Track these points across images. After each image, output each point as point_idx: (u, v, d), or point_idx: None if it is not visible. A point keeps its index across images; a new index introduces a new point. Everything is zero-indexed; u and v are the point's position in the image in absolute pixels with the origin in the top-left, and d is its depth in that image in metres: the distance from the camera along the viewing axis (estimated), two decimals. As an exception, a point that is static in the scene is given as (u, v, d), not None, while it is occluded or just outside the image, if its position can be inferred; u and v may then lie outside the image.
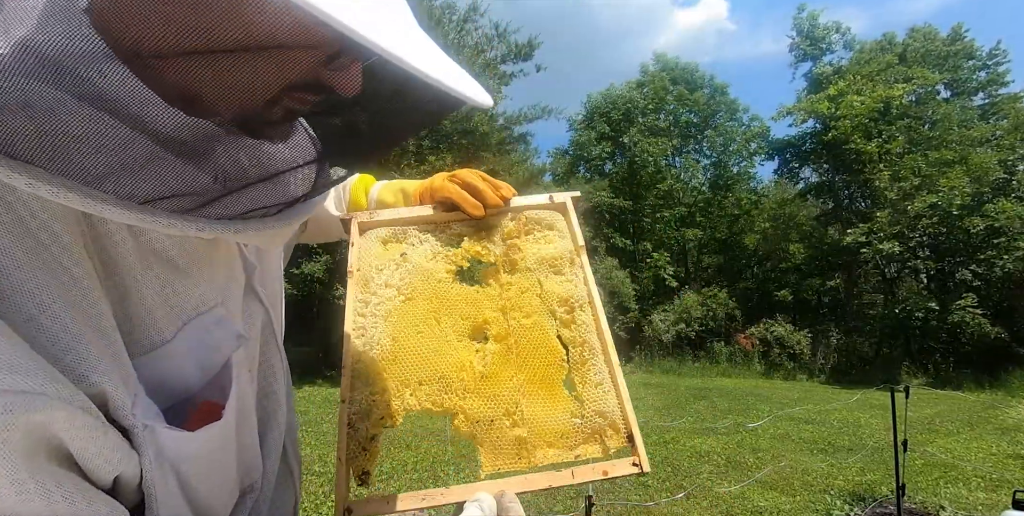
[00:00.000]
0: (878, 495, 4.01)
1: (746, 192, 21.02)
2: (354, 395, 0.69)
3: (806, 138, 18.62)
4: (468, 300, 0.77)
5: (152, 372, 0.44)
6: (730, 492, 4.09)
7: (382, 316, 0.74)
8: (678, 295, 17.03)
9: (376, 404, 0.68)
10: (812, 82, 18.63)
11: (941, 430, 6.54)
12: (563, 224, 0.85)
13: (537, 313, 0.77)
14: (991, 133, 14.45)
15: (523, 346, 0.74)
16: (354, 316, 0.74)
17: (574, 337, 0.76)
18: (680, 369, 14.12)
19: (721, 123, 21.43)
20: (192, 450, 0.45)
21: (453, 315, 0.76)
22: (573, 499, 3.82)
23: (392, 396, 0.69)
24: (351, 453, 0.66)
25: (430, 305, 0.75)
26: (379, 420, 0.68)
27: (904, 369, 12.65)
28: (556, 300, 0.78)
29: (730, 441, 5.84)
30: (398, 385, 0.70)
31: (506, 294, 0.78)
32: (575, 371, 0.74)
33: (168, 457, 0.43)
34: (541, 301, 0.78)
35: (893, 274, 15.69)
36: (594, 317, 0.78)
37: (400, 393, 0.69)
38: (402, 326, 0.73)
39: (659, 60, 22.14)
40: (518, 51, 12.24)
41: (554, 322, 0.77)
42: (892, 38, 18.21)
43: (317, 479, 4.09)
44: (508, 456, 0.68)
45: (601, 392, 0.72)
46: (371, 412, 0.68)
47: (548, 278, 0.80)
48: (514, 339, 0.75)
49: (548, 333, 0.76)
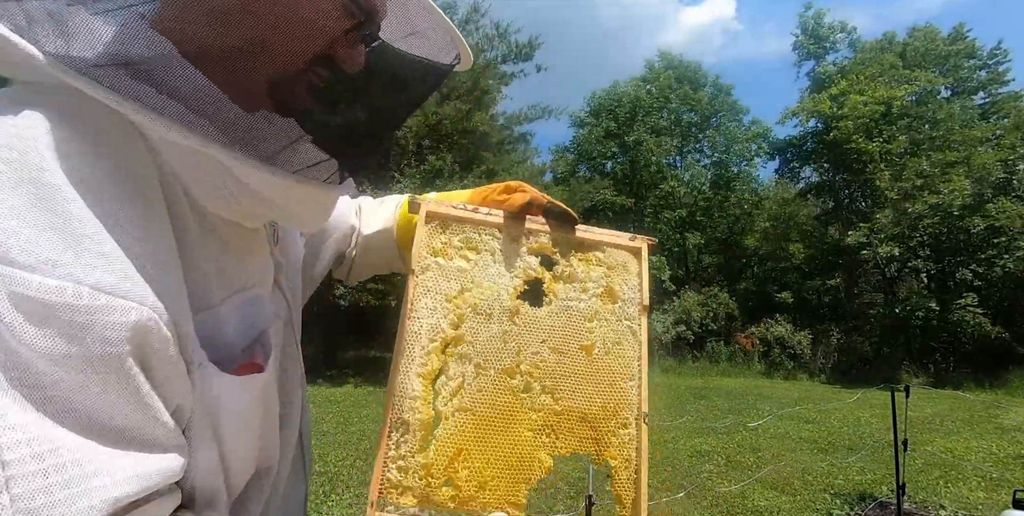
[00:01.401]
0: (878, 495, 4.01)
1: (747, 192, 21.00)
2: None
3: (807, 137, 18.61)
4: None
5: (200, 330, 0.46)
6: (730, 491, 4.09)
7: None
8: (678, 295, 17.01)
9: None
10: (815, 81, 18.61)
11: (941, 430, 6.54)
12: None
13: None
14: (992, 132, 14.44)
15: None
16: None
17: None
18: (680, 369, 14.10)
19: (723, 123, 21.41)
20: (234, 398, 0.48)
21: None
22: (573, 499, 3.83)
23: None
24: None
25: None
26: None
27: (904, 369, 12.64)
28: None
29: (730, 441, 5.84)
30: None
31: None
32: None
33: (210, 400, 0.46)
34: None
35: (893, 274, 15.68)
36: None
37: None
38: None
39: (664, 57, 22.13)
40: (519, 51, 12.22)
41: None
42: (892, 37, 18.19)
43: (317, 478, 4.09)
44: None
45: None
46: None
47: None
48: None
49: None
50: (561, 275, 0.77)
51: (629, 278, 0.79)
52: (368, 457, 4.68)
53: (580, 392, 0.73)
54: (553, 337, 0.74)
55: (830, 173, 18.10)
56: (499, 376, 0.70)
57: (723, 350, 14.90)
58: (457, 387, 0.68)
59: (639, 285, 0.79)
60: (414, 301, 0.69)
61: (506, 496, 0.67)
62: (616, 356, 0.76)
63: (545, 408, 0.71)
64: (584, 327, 0.75)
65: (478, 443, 0.68)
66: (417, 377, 0.67)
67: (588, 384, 0.74)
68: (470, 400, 0.69)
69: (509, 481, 0.68)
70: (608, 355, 0.75)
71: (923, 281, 15.25)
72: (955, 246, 13.67)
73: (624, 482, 0.72)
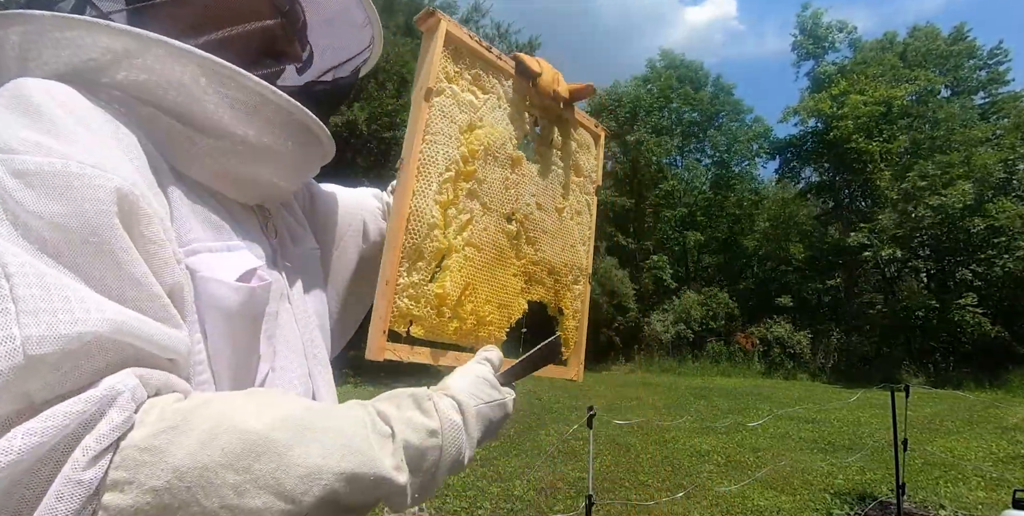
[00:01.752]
0: (878, 494, 4.01)
1: (747, 192, 21.00)
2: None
3: (807, 137, 18.61)
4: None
5: (197, 266, 0.49)
6: (730, 491, 4.09)
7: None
8: (677, 295, 17.01)
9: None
10: (814, 81, 18.61)
11: (941, 429, 6.54)
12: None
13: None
14: (992, 133, 14.43)
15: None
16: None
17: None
18: (680, 368, 14.12)
19: (724, 123, 21.40)
20: (230, 302, 0.49)
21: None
22: (573, 499, 3.83)
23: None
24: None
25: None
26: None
27: (904, 368, 12.64)
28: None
29: (730, 440, 5.84)
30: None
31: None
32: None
33: (209, 300, 0.48)
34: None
35: (893, 273, 15.68)
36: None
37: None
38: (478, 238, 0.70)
39: (665, 57, 22.10)
40: (518, 51, 12.21)
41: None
42: (893, 37, 18.19)
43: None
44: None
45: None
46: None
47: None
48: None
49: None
50: (547, 140, 0.82)
51: (590, 158, 0.89)
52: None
53: (551, 247, 0.81)
54: (540, 194, 0.80)
55: (830, 173, 18.11)
56: (500, 219, 0.73)
57: (723, 350, 14.91)
58: (467, 222, 0.68)
59: (596, 166, 0.90)
60: (429, 123, 0.64)
61: (495, 332, 0.71)
62: (577, 223, 0.86)
63: (527, 257, 0.77)
64: (559, 191, 0.83)
65: (482, 279, 0.70)
66: (435, 204, 0.63)
67: (557, 242, 0.82)
68: (477, 237, 0.69)
69: (498, 319, 0.72)
70: (572, 220, 0.85)
71: (923, 281, 15.24)
72: (955, 246, 13.66)
73: (571, 329, 0.84)
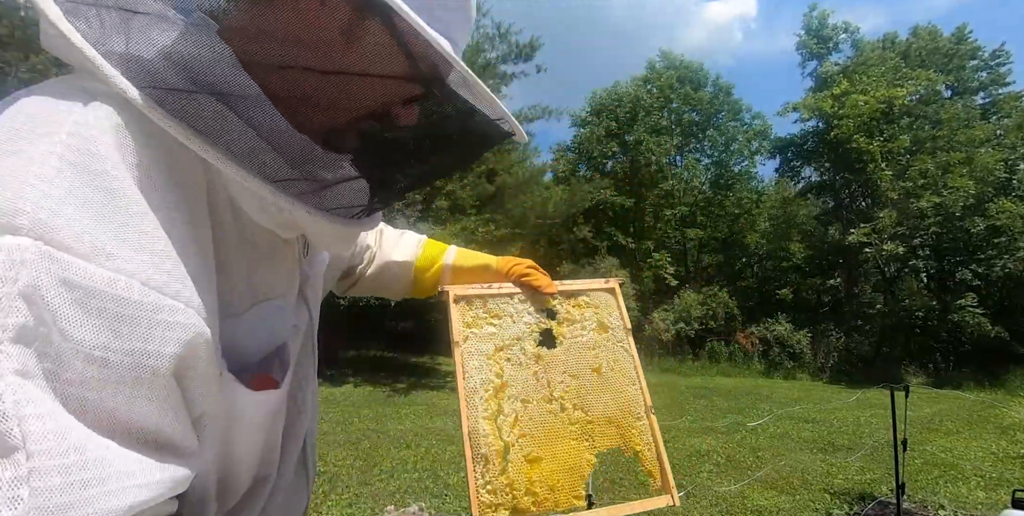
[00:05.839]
0: (878, 494, 4.01)
1: (747, 191, 20.99)
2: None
3: (808, 137, 18.58)
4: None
5: (221, 339, 0.46)
6: (730, 491, 4.09)
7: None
8: (678, 294, 17.01)
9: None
10: (817, 81, 18.57)
11: (941, 429, 6.54)
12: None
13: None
14: (993, 132, 14.42)
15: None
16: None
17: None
18: (680, 368, 14.11)
19: (723, 122, 21.39)
20: (247, 411, 0.49)
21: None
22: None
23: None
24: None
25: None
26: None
27: (904, 368, 12.64)
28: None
29: (730, 440, 5.84)
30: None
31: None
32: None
33: (224, 411, 0.46)
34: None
35: (893, 273, 15.67)
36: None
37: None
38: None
39: (665, 57, 22.07)
40: (519, 52, 12.19)
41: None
42: (893, 37, 18.16)
43: (317, 478, 4.10)
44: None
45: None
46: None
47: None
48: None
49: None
50: (563, 320, 0.99)
51: (612, 311, 1.02)
52: (368, 457, 4.69)
53: (601, 402, 0.94)
54: (570, 367, 0.95)
55: (831, 172, 18.08)
56: (540, 405, 0.90)
57: (723, 349, 14.90)
58: (514, 420, 0.88)
59: (620, 315, 1.02)
60: (464, 365, 0.88)
61: (571, 492, 0.86)
62: (618, 370, 0.97)
63: (580, 420, 0.91)
64: (590, 354, 0.97)
65: (542, 456, 0.87)
66: (484, 420, 0.86)
67: (605, 395, 0.95)
68: (526, 427, 0.88)
69: (569, 480, 0.87)
70: (612, 370, 0.97)
71: (923, 281, 15.24)
72: (955, 246, 13.66)
73: (651, 460, 0.92)
